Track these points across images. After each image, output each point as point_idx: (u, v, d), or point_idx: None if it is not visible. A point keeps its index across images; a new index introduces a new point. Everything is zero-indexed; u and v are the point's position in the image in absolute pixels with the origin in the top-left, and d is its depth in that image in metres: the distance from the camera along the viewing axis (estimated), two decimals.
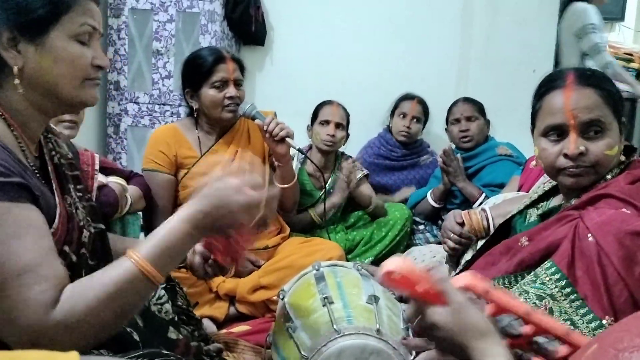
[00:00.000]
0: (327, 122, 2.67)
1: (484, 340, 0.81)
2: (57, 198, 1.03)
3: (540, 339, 0.87)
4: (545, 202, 1.41)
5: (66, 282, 0.91)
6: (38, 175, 1.02)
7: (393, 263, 0.84)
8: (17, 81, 0.98)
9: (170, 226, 0.98)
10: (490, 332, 0.82)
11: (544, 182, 1.49)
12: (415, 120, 3.09)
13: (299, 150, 2.20)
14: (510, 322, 0.87)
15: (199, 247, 1.36)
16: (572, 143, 1.21)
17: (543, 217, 1.36)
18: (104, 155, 3.17)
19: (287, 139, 2.10)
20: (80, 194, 1.14)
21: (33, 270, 0.87)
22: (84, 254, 1.04)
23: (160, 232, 0.98)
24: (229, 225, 1.03)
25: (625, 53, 3.73)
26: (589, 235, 1.09)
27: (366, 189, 2.71)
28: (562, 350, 0.85)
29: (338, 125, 2.67)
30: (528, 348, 0.88)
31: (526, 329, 0.85)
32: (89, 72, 1.05)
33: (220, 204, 1.00)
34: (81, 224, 1.07)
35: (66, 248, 0.99)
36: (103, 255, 1.14)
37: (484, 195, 2.66)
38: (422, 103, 3.14)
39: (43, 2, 0.98)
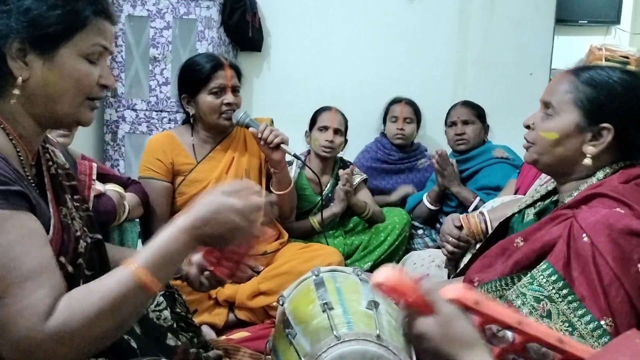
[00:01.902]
0: (325, 128, 2.67)
1: (471, 351, 0.81)
2: (51, 209, 1.02)
3: (533, 346, 0.86)
4: (542, 202, 1.41)
5: (63, 292, 0.90)
6: (34, 185, 1.02)
7: (382, 274, 0.85)
8: (16, 91, 0.97)
9: (168, 235, 0.97)
10: (478, 343, 0.82)
11: (541, 185, 1.49)
12: (407, 121, 3.10)
13: (295, 155, 2.20)
14: (501, 331, 0.86)
15: (196, 257, 1.35)
16: (530, 115, 1.32)
17: (539, 215, 1.36)
18: (101, 162, 3.16)
19: (282, 145, 2.10)
20: (77, 204, 1.14)
21: (35, 277, 0.86)
22: (80, 264, 1.04)
23: (158, 241, 0.97)
24: (229, 234, 1.01)
25: (621, 56, 3.73)
26: (584, 235, 1.09)
27: (363, 195, 2.71)
28: (556, 357, 0.85)
29: (337, 131, 2.67)
30: (521, 354, 0.88)
31: (517, 339, 0.85)
32: (94, 91, 1.04)
33: (219, 210, 0.99)
34: (77, 234, 1.06)
35: (62, 259, 0.99)
36: (100, 266, 1.13)
37: (478, 199, 2.66)
38: (412, 104, 3.15)
39: (58, 19, 0.97)
